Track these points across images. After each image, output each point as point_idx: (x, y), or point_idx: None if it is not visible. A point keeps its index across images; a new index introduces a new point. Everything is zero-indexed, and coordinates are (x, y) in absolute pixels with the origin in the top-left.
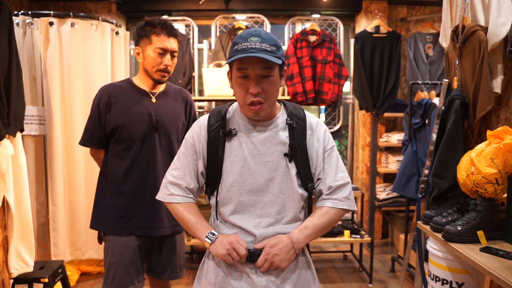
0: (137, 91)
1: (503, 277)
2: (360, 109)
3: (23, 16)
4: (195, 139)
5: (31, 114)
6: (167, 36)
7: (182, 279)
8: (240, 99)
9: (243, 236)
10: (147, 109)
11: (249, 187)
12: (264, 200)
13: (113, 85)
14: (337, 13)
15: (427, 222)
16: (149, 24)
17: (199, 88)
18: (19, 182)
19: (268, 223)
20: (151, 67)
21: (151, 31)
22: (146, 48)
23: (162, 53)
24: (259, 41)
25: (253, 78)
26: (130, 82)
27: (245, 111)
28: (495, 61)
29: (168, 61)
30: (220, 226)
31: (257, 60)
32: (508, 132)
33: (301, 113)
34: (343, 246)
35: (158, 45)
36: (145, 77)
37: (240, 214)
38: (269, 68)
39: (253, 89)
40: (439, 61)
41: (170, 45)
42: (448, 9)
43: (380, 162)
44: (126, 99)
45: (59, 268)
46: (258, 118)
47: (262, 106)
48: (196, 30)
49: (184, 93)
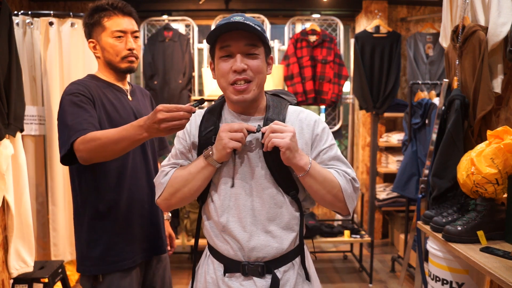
0: (115, 88)
1: (503, 277)
2: (360, 109)
3: (23, 16)
4: (186, 137)
5: (31, 114)
6: (121, 16)
7: (182, 279)
8: (223, 81)
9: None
10: (131, 109)
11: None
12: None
13: (84, 83)
14: (337, 13)
15: (427, 222)
16: (96, 9)
17: (199, 88)
18: (19, 182)
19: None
20: (115, 56)
21: (101, 15)
22: (101, 36)
23: (121, 36)
24: (242, 19)
25: (237, 55)
26: (98, 78)
27: (228, 94)
28: (495, 61)
29: (131, 44)
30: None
31: (241, 36)
32: (508, 132)
33: (280, 117)
34: (343, 246)
35: (114, 28)
36: (109, 71)
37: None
38: (253, 46)
39: (237, 65)
40: (439, 61)
41: (128, 25)
42: (448, 9)
43: (380, 162)
44: (107, 98)
45: (59, 268)
46: (244, 102)
47: (249, 86)
48: (196, 30)
49: (144, 90)
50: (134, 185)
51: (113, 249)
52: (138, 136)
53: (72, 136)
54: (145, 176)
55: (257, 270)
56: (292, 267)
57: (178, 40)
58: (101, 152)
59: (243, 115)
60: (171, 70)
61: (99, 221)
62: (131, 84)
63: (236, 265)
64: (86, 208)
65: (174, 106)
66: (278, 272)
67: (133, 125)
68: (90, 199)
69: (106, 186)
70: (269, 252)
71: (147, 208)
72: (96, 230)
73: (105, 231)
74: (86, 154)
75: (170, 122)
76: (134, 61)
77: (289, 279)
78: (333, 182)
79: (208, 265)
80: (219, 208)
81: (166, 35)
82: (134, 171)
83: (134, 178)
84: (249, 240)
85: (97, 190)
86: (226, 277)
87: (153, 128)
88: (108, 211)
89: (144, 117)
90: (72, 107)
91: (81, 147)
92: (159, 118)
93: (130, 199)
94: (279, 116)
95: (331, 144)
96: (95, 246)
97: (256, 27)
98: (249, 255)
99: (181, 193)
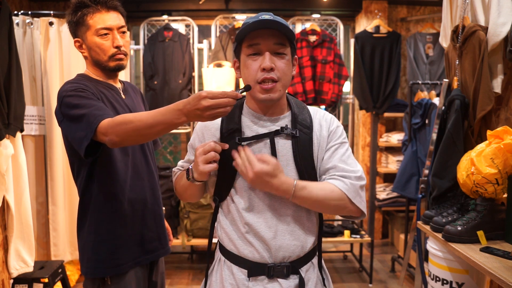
0: (108, 87)
1: (503, 277)
2: (360, 109)
3: (23, 16)
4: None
5: (31, 114)
6: (105, 12)
7: (182, 279)
8: (251, 79)
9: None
10: (126, 107)
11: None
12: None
13: (81, 82)
14: (337, 13)
15: (427, 222)
16: (78, 6)
17: (199, 88)
18: (19, 182)
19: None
20: (102, 55)
21: (84, 13)
22: (86, 35)
23: (107, 34)
24: (271, 17)
25: (266, 53)
26: (90, 78)
27: (254, 92)
28: (495, 61)
29: (118, 41)
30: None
31: (270, 34)
32: (508, 132)
33: (307, 119)
34: (343, 246)
35: (99, 26)
36: (97, 70)
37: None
38: (282, 45)
39: (266, 63)
40: (439, 61)
41: (114, 21)
42: (448, 9)
43: (380, 162)
44: (105, 97)
45: (59, 268)
46: (270, 100)
47: (276, 86)
48: (196, 30)
49: (135, 86)
50: (137, 186)
51: (116, 251)
52: (176, 121)
53: (94, 121)
54: (147, 174)
55: (283, 271)
56: (312, 266)
57: (178, 40)
58: (134, 136)
59: (266, 115)
60: (171, 70)
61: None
62: (122, 81)
63: (261, 268)
64: (92, 211)
65: (220, 92)
66: (301, 272)
67: (171, 108)
68: (95, 203)
69: (111, 187)
70: (294, 251)
71: (150, 208)
72: (100, 232)
73: (109, 232)
74: (117, 137)
75: (215, 110)
76: (123, 59)
77: (310, 278)
78: (329, 198)
79: (225, 270)
80: (242, 209)
81: (166, 35)
82: (135, 170)
83: (136, 177)
84: (274, 239)
85: (102, 192)
86: (249, 282)
87: (195, 114)
88: (112, 212)
89: (182, 100)
90: (81, 100)
91: (110, 130)
92: (204, 105)
93: (133, 199)
94: (304, 118)
95: (343, 142)
96: (100, 247)
97: (285, 25)
98: (275, 255)
99: (185, 196)
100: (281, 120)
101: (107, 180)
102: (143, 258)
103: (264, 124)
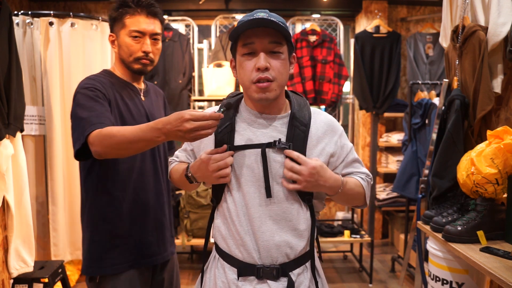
0: (129, 87)
1: (503, 277)
2: (360, 109)
3: (23, 16)
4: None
5: (31, 114)
6: (144, 16)
7: (182, 279)
8: (246, 79)
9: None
10: (143, 109)
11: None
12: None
13: (100, 80)
14: (337, 13)
15: (427, 222)
16: (121, 4)
17: (199, 88)
18: (19, 182)
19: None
20: (127, 55)
21: (124, 12)
22: (120, 33)
23: (138, 37)
24: (266, 15)
25: (261, 53)
26: (114, 75)
27: (250, 92)
28: (495, 61)
29: (147, 47)
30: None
31: (265, 33)
32: (508, 132)
33: (306, 116)
34: (343, 246)
35: (133, 28)
36: (123, 68)
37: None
38: (278, 44)
39: (261, 63)
40: (439, 61)
41: (148, 26)
42: (448, 9)
43: (380, 162)
44: (121, 97)
45: (59, 268)
46: (266, 100)
47: (271, 85)
48: (196, 30)
49: (158, 89)
50: (140, 190)
51: (111, 251)
52: (155, 139)
53: (87, 129)
54: (153, 179)
55: (272, 273)
56: (305, 270)
57: (178, 40)
58: (116, 149)
59: (264, 114)
60: (171, 70)
61: (99, 222)
62: (146, 83)
63: (250, 269)
64: (91, 209)
65: (202, 114)
66: (292, 275)
67: (150, 126)
68: (95, 200)
69: (112, 188)
70: (283, 254)
71: (152, 213)
72: (95, 231)
73: (105, 232)
74: (101, 149)
75: (198, 132)
76: (147, 64)
77: (303, 282)
78: (359, 193)
79: (218, 268)
80: (234, 210)
81: (166, 35)
82: (141, 174)
83: (141, 181)
84: (264, 240)
85: (103, 191)
86: (239, 281)
87: (176, 134)
88: (109, 213)
89: (162, 119)
90: (87, 101)
91: (96, 142)
92: (188, 128)
93: (134, 203)
94: (303, 115)
95: (351, 147)
96: (94, 246)
97: (280, 24)
98: (264, 257)
99: (181, 187)
100: (278, 120)
101: (107, 182)
102: (141, 261)
103: (260, 123)
